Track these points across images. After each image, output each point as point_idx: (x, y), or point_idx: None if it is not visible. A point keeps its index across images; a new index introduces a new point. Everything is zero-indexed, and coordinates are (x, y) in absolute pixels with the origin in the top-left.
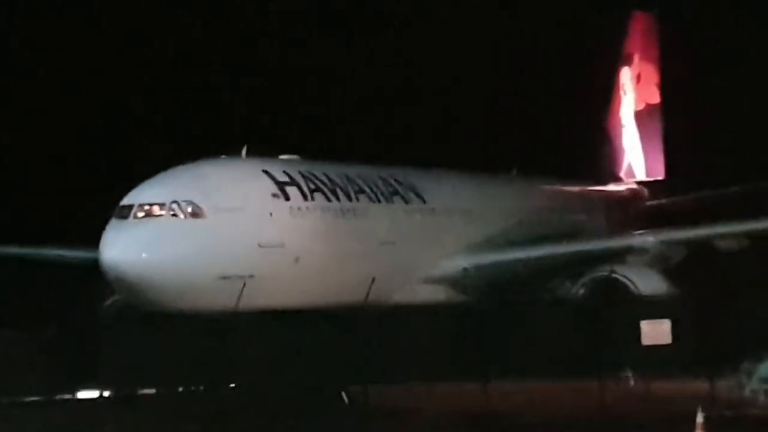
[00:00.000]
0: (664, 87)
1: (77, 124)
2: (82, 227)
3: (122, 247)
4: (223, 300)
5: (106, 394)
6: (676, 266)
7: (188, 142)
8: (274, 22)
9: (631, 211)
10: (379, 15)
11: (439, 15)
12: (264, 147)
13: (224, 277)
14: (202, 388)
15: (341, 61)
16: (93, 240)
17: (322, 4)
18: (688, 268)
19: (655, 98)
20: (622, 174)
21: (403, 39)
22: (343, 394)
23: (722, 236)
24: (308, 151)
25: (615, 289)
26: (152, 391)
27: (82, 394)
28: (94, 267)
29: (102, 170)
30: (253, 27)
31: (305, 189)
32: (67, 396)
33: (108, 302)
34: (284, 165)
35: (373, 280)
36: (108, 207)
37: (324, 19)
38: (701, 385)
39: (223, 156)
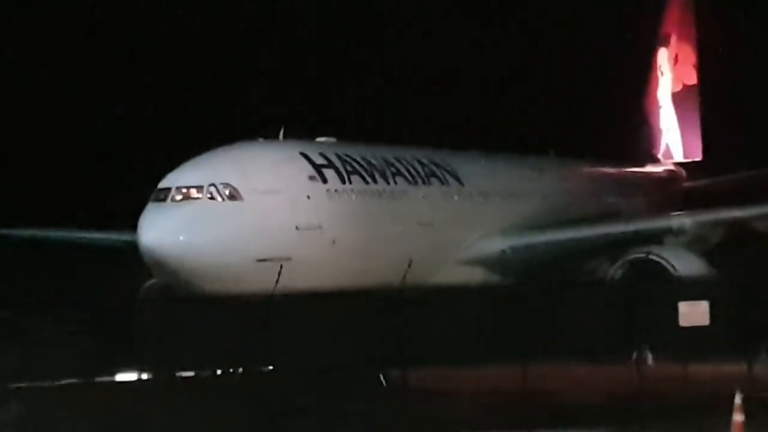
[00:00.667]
0: (701, 68)
1: (111, 109)
2: (120, 211)
3: (160, 230)
4: (260, 282)
5: (144, 376)
6: (714, 248)
7: (225, 126)
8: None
9: (669, 192)
10: None
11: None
12: (301, 129)
13: (262, 260)
14: (240, 370)
15: (381, 45)
16: (131, 224)
17: None
18: (726, 249)
19: (693, 79)
20: (659, 155)
21: (444, 22)
22: (381, 377)
23: (760, 217)
24: (345, 134)
25: (653, 271)
26: (191, 373)
27: (121, 377)
28: (133, 250)
29: (140, 153)
30: (290, 10)
31: (342, 171)
32: (106, 379)
33: (146, 285)
34: (321, 147)
35: (411, 262)
36: (145, 191)
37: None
38: (739, 367)
39: (260, 138)
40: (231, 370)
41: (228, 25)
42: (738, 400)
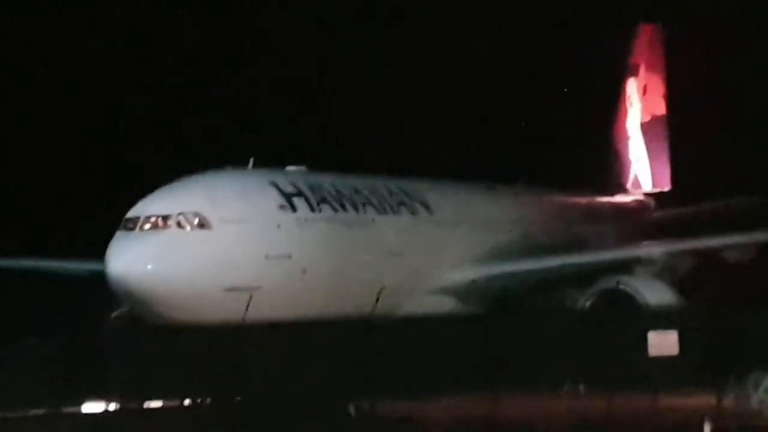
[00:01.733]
0: (670, 98)
1: (81, 135)
2: (88, 240)
3: (128, 259)
4: (230, 312)
5: (112, 407)
6: (683, 277)
7: (195, 154)
8: (278, 30)
9: (638, 222)
10: (386, 22)
11: (444, 26)
12: (271, 158)
13: (231, 289)
14: (209, 400)
15: (348, 72)
16: (99, 252)
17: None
18: (695, 279)
19: (661, 109)
20: (628, 185)
21: (409, 50)
22: (351, 406)
23: (729, 247)
24: (315, 163)
25: (622, 301)
26: (159, 404)
27: (89, 408)
28: (101, 279)
29: (106, 182)
30: (256, 37)
31: (312, 200)
32: (74, 409)
33: (114, 314)
34: (291, 176)
35: (381, 291)
36: (114, 219)
37: (329, 25)
38: (708, 397)
39: (229, 167)
40: (199, 400)
41: (197, 54)
42: (707, 429)
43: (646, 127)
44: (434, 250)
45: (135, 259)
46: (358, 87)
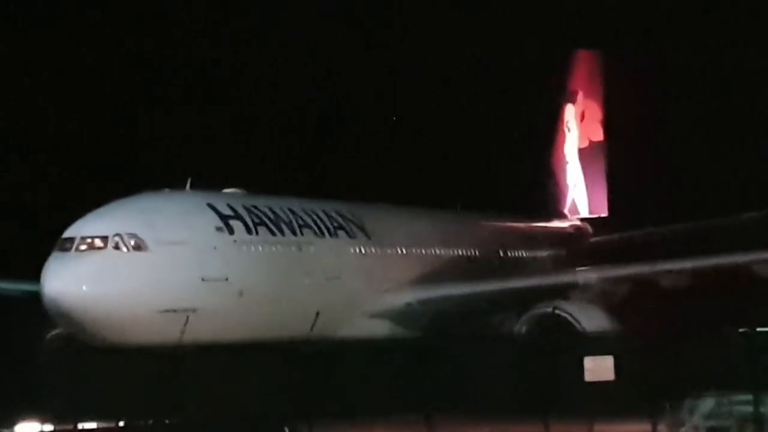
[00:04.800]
0: (607, 125)
1: (16, 155)
2: (23, 260)
3: (64, 280)
4: (166, 334)
5: (47, 428)
6: (619, 303)
7: (132, 175)
8: (217, 52)
9: (575, 247)
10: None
11: (385, 52)
12: (208, 180)
13: (167, 311)
14: (144, 422)
15: (288, 97)
16: (35, 273)
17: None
18: (631, 304)
19: (599, 136)
20: (565, 210)
21: (349, 76)
22: (287, 429)
23: (665, 273)
24: (252, 185)
25: (558, 326)
26: (93, 425)
27: (22, 429)
28: (36, 300)
29: (41, 202)
30: (192, 58)
31: (249, 223)
32: (7, 431)
33: (50, 335)
34: (228, 198)
35: (318, 314)
36: (49, 240)
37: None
38: (644, 423)
39: (166, 189)
40: (136, 422)
41: (134, 75)
42: None
43: (583, 153)
44: (372, 274)
45: (71, 280)
46: (297, 111)
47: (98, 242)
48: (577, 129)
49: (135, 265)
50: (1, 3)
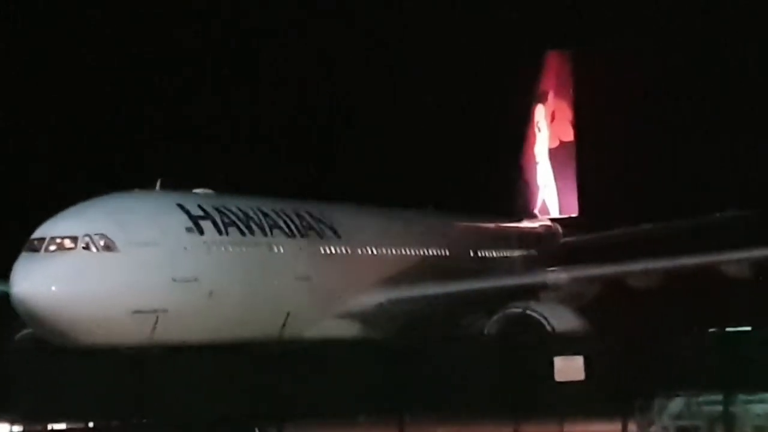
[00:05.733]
0: (578, 125)
1: None
2: None
3: (33, 281)
4: (136, 334)
5: (16, 429)
6: (589, 303)
7: (102, 175)
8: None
9: (545, 247)
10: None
11: (355, 50)
12: (178, 181)
13: (137, 312)
14: (114, 422)
15: (258, 98)
16: (3, 273)
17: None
18: (601, 305)
19: (569, 136)
20: (536, 211)
21: (317, 74)
22: (257, 430)
23: (635, 273)
24: (222, 186)
25: (528, 326)
26: (63, 426)
27: None
28: (5, 300)
29: (11, 202)
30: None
31: (220, 223)
32: None
33: (19, 335)
34: (198, 199)
35: (288, 314)
36: (17, 240)
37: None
38: (614, 422)
39: (136, 189)
40: (105, 423)
41: (104, 75)
42: None
43: (553, 153)
44: (342, 275)
45: (40, 281)
46: (267, 111)
47: (68, 243)
48: (548, 129)
49: (105, 266)
50: None
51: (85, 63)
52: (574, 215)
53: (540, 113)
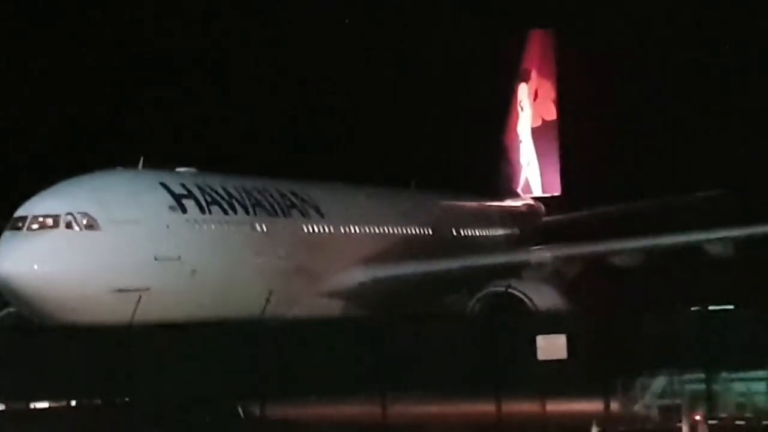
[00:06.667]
0: (560, 104)
1: None
2: None
3: (15, 259)
4: (118, 313)
5: None
6: (571, 281)
7: (84, 153)
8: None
9: (528, 226)
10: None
11: (337, 30)
12: (160, 159)
13: (120, 290)
14: (96, 401)
15: (241, 74)
16: None
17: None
18: (583, 283)
19: (552, 115)
20: (519, 189)
21: (303, 52)
22: (239, 409)
23: (617, 252)
24: (205, 164)
25: (511, 304)
26: (45, 404)
27: None
28: None
29: None
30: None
31: (202, 202)
32: None
33: (2, 313)
34: (181, 177)
35: (270, 293)
36: (2, 218)
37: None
38: (596, 401)
39: (119, 167)
40: (87, 402)
41: (90, 53)
42: None
43: (536, 132)
44: (325, 253)
45: (22, 259)
46: (251, 89)
47: (50, 221)
48: (531, 108)
49: (87, 244)
50: None
51: (68, 43)
52: (556, 194)
53: (523, 92)
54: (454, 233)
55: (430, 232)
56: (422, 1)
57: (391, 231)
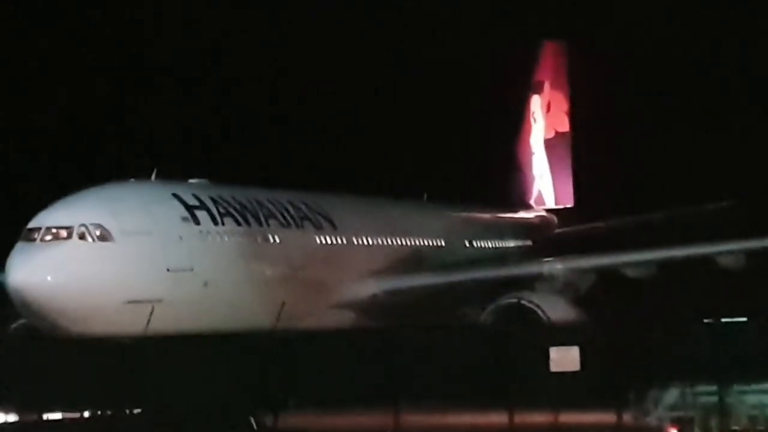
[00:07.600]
0: (573, 115)
1: None
2: None
3: (28, 271)
4: (131, 324)
5: (11, 418)
6: (584, 293)
7: (97, 164)
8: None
9: (541, 238)
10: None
11: (350, 41)
12: (173, 170)
13: (132, 302)
14: (109, 412)
15: (254, 86)
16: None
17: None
18: (596, 295)
19: (565, 126)
20: (531, 201)
21: (315, 64)
22: (252, 420)
23: (630, 264)
24: (218, 176)
25: (523, 316)
26: (58, 416)
27: None
28: (1, 289)
29: (7, 192)
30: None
31: (215, 213)
32: None
33: (14, 325)
34: (194, 189)
35: (283, 304)
36: (14, 230)
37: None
38: (609, 413)
39: (132, 179)
40: (99, 413)
41: (101, 64)
42: None
43: (549, 144)
44: (337, 265)
45: (35, 271)
46: (265, 101)
47: (63, 232)
48: (543, 120)
49: (100, 256)
50: None
51: (81, 53)
52: (569, 206)
53: (536, 104)
54: (467, 245)
55: (443, 244)
56: (436, 12)
57: (403, 243)
